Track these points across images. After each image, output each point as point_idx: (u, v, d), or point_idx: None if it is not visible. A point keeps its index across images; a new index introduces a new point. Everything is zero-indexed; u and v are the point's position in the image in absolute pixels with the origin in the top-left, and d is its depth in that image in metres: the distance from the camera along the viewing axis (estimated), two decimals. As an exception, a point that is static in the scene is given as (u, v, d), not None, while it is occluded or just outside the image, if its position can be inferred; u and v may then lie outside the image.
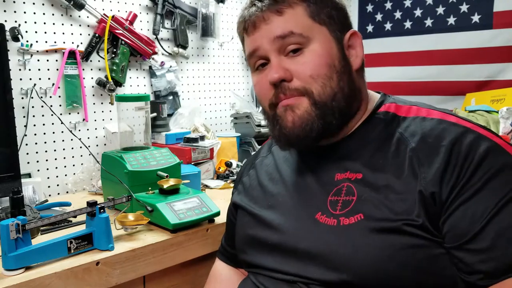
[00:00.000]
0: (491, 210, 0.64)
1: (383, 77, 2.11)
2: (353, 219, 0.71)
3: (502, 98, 1.74)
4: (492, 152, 0.67)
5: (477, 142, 0.68)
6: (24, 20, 1.40)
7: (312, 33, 0.77)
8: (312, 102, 0.76)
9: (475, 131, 0.71)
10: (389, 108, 0.81)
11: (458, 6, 1.91)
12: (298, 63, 0.77)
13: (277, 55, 0.78)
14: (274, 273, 0.79)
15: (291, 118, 0.77)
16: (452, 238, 0.66)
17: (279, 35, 0.77)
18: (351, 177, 0.76)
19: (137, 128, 1.32)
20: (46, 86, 1.45)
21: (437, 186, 0.67)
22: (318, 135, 0.77)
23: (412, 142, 0.73)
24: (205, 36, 1.87)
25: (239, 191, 0.96)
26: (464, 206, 0.66)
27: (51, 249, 0.88)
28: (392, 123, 0.78)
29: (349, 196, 0.74)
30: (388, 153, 0.74)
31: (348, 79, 0.78)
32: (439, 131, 0.72)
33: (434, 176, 0.68)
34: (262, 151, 0.99)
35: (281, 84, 0.77)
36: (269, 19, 0.78)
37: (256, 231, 0.84)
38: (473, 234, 0.65)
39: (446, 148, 0.69)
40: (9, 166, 1.20)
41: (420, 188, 0.68)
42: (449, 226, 0.67)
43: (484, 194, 0.65)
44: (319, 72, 0.76)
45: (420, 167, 0.70)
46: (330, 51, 0.78)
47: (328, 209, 0.75)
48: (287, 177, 0.86)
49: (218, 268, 1.00)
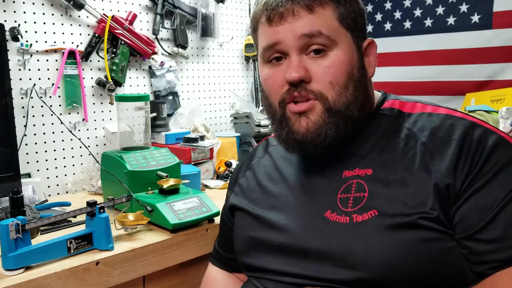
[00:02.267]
0: (501, 201, 0.66)
1: (383, 77, 2.11)
2: (366, 215, 0.71)
3: (502, 98, 1.74)
4: (500, 145, 0.69)
5: (486, 136, 0.70)
6: (24, 20, 1.40)
7: (338, 37, 0.76)
8: (326, 108, 0.75)
9: (482, 125, 0.73)
10: (393, 104, 0.82)
11: (458, 6, 1.90)
12: (319, 66, 0.75)
13: (298, 53, 0.76)
14: (280, 276, 0.77)
15: (305, 123, 0.76)
16: (463, 228, 0.67)
17: (307, 33, 0.75)
18: (360, 173, 0.75)
19: (137, 128, 1.32)
20: (45, 86, 1.45)
21: (452, 177, 0.68)
22: (332, 142, 0.76)
23: (422, 137, 0.74)
24: (205, 36, 1.87)
25: (236, 193, 0.93)
26: (474, 197, 0.67)
27: (51, 249, 0.88)
28: (398, 119, 0.79)
29: (360, 192, 0.73)
30: (397, 149, 0.75)
31: (362, 89, 0.79)
32: (448, 125, 0.73)
33: (447, 169, 0.69)
34: (257, 151, 0.97)
35: (299, 84, 0.75)
36: (299, 14, 0.75)
37: (260, 232, 0.82)
38: (484, 224, 0.66)
39: (457, 141, 0.70)
40: (9, 166, 1.19)
41: (435, 181, 0.69)
42: (459, 216, 0.68)
43: (493, 185, 0.67)
44: (339, 80, 0.75)
45: (433, 160, 0.71)
46: (351, 59, 0.77)
47: (338, 206, 0.74)
48: (289, 177, 0.85)
49: (212, 273, 0.99)
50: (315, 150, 0.78)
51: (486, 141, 0.69)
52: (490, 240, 0.65)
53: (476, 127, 0.72)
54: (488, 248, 0.65)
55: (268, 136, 1.00)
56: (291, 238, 0.77)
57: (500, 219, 0.65)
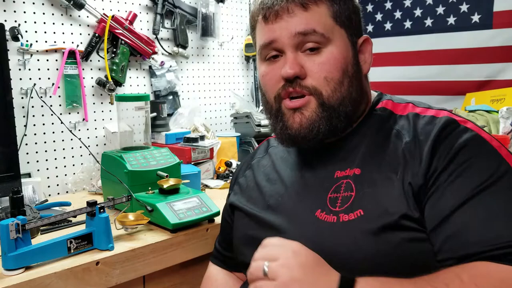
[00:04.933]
0: (464, 198, 0.66)
1: (383, 77, 2.11)
2: (352, 215, 0.71)
3: (502, 98, 1.74)
4: (472, 142, 0.69)
5: (459, 133, 0.71)
6: (24, 20, 1.40)
7: (333, 34, 0.77)
8: (320, 103, 0.77)
9: (459, 123, 0.72)
10: (386, 104, 0.83)
11: (458, 6, 1.90)
12: (314, 62, 0.77)
13: (293, 51, 0.77)
14: None
15: (298, 119, 0.78)
16: (428, 222, 0.68)
17: (301, 31, 0.76)
18: (350, 173, 0.76)
19: (137, 128, 1.32)
20: (46, 86, 1.45)
21: (423, 178, 0.69)
22: (324, 137, 0.78)
23: (407, 137, 0.75)
24: (205, 36, 1.87)
25: (235, 192, 0.95)
26: (439, 192, 0.68)
27: (51, 249, 0.88)
28: (389, 120, 0.80)
29: (348, 192, 0.74)
30: (387, 149, 0.76)
31: (357, 84, 0.80)
32: (430, 126, 0.74)
33: (422, 169, 0.69)
34: (258, 152, 0.99)
35: (294, 80, 0.77)
36: (293, 12, 0.77)
37: (257, 232, 0.83)
38: (443, 218, 0.66)
39: (431, 140, 0.71)
40: (9, 166, 1.19)
41: (412, 181, 0.69)
42: (427, 211, 0.68)
43: (457, 183, 0.67)
44: (333, 75, 0.76)
45: (411, 161, 0.71)
46: (346, 55, 0.78)
47: (327, 206, 0.75)
48: (286, 177, 0.86)
49: (213, 272, 0.99)
50: (308, 145, 0.80)
51: (457, 139, 0.70)
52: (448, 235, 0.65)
53: (454, 125, 0.72)
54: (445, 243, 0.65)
55: (269, 137, 1.01)
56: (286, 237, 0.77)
57: (460, 215, 0.65)
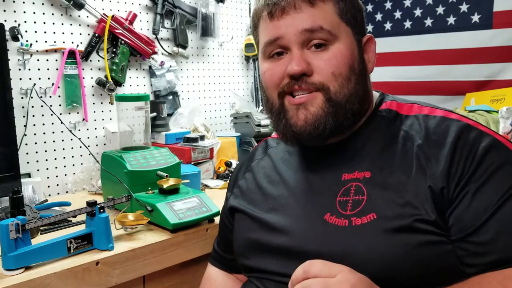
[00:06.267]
0: (494, 204, 0.66)
1: (383, 77, 2.11)
2: (365, 219, 0.71)
3: (502, 98, 1.74)
4: (494, 148, 0.69)
5: (480, 138, 0.70)
6: (24, 20, 1.40)
7: (339, 31, 0.77)
8: (327, 99, 0.76)
9: (476, 127, 0.73)
10: (390, 105, 0.82)
11: (458, 6, 1.90)
12: (321, 58, 0.76)
13: (299, 48, 0.76)
14: (280, 277, 0.77)
15: (303, 116, 0.76)
16: (456, 231, 0.67)
17: (308, 28, 0.75)
18: (359, 176, 0.75)
19: (137, 128, 1.32)
20: (45, 86, 1.45)
21: (445, 181, 0.68)
22: (330, 134, 0.77)
23: (418, 139, 0.74)
24: (205, 36, 1.87)
25: (236, 195, 0.93)
26: (467, 200, 0.67)
27: (51, 249, 0.88)
28: (395, 121, 0.79)
29: (359, 195, 0.73)
30: (396, 151, 0.75)
31: (363, 83, 0.79)
32: (444, 127, 0.73)
33: (441, 172, 0.69)
34: (256, 153, 0.97)
35: (300, 77, 0.76)
36: (300, 8, 0.76)
37: (259, 234, 0.82)
38: (476, 227, 0.66)
39: (451, 143, 0.70)
40: (9, 166, 1.19)
41: (429, 184, 0.69)
42: (453, 219, 0.68)
43: (487, 188, 0.67)
44: (341, 71, 0.76)
45: (427, 163, 0.71)
46: (353, 53, 0.78)
47: (337, 209, 0.74)
48: (288, 179, 0.85)
49: (212, 273, 0.99)
50: (314, 142, 0.79)
51: (479, 144, 0.69)
52: (482, 243, 0.66)
53: (471, 129, 0.72)
54: (479, 251, 0.66)
55: (267, 138, 1.00)
56: (291, 240, 0.77)
57: (493, 222, 0.66)
